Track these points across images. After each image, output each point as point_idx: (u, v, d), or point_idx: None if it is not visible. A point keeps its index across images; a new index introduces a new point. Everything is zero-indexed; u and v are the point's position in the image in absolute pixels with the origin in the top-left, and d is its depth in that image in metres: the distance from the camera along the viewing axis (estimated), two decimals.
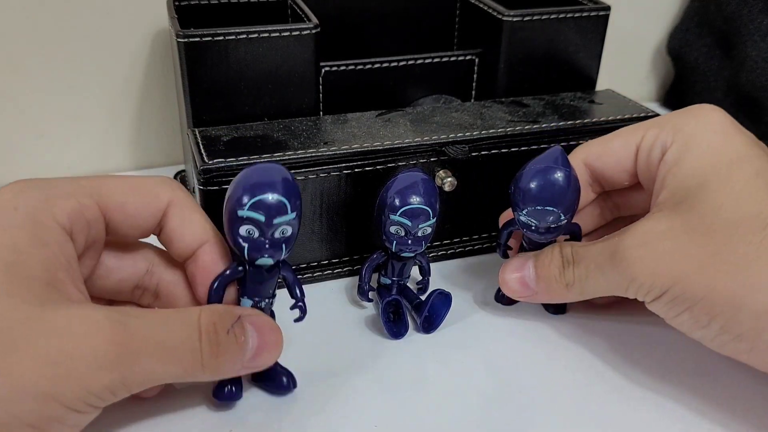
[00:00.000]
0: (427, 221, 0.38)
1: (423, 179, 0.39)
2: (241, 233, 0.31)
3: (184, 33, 0.43)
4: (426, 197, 0.38)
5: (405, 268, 0.41)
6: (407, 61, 0.51)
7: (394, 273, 0.41)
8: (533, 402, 0.37)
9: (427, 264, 0.43)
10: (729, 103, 0.67)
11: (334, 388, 0.37)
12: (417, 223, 0.38)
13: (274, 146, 0.42)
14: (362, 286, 0.41)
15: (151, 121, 0.58)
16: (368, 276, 0.41)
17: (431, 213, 0.38)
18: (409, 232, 0.38)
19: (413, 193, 0.38)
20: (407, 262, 0.41)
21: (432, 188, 0.39)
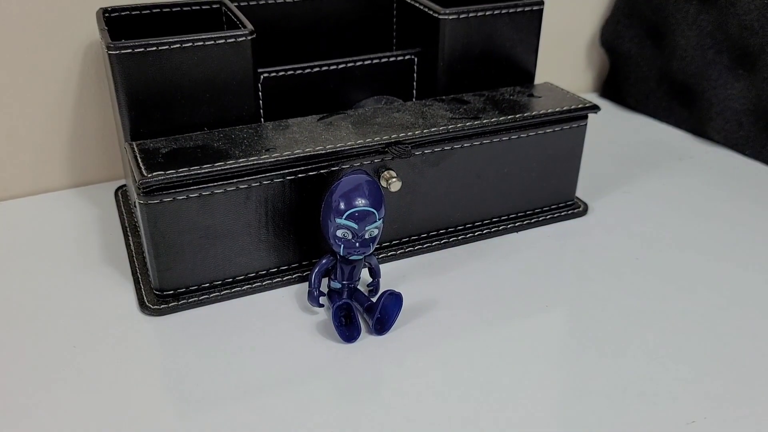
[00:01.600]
0: (373, 223, 0.39)
1: (367, 181, 0.39)
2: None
3: (115, 45, 0.42)
4: (371, 199, 0.38)
5: (354, 271, 0.41)
6: (346, 64, 0.51)
7: (344, 276, 0.41)
8: (489, 398, 0.37)
9: (377, 266, 0.43)
10: (663, 91, 0.69)
11: (290, 396, 0.37)
12: (364, 225, 0.38)
13: (214, 156, 0.41)
14: (312, 292, 0.41)
15: (88, 136, 0.57)
16: (317, 281, 0.41)
17: (377, 215, 0.39)
18: (356, 235, 0.39)
19: (358, 195, 0.38)
20: (356, 264, 0.41)
21: (377, 189, 0.39)
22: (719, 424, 0.35)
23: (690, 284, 0.46)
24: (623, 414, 0.36)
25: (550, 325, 0.43)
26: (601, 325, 0.42)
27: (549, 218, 0.52)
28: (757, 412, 0.36)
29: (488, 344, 0.40)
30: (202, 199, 0.40)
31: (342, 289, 0.42)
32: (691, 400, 0.37)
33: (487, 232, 0.50)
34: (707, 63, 0.64)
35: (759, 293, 0.45)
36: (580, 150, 0.52)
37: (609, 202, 0.55)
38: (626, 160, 0.62)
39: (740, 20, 0.61)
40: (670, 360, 0.39)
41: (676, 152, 0.64)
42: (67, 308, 0.43)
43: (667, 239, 0.51)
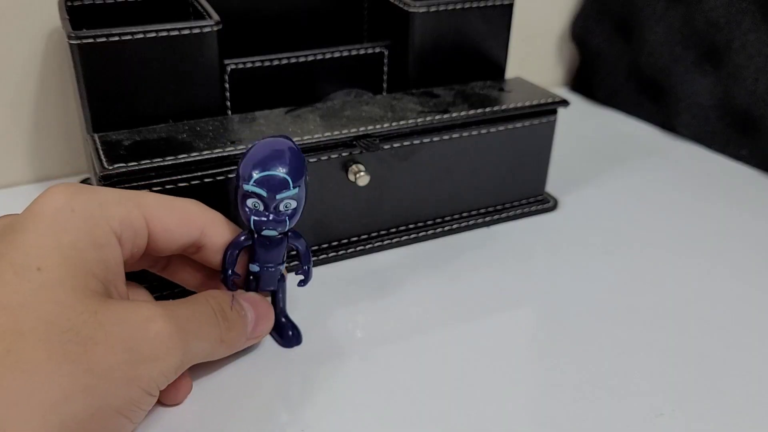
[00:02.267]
0: (286, 191, 0.34)
1: (286, 146, 0.34)
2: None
3: (77, 34, 0.41)
4: (287, 164, 0.34)
5: (274, 253, 0.36)
6: (315, 56, 0.50)
7: (261, 258, 0.36)
8: (459, 393, 0.37)
9: (306, 249, 0.38)
10: (632, 87, 0.70)
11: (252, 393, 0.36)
12: (275, 193, 0.33)
13: (178, 148, 0.40)
14: (225, 273, 0.36)
15: (50, 129, 0.55)
16: (231, 261, 0.36)
17: (291, 182, 0.34)
18: (268, 206, 0.34)
19: (271, 158, 0.34)
20: (275, 244, 0.36)
21: (296, 157, 0.34)
22: (687, 417, 0.35)
23: (658, 279, 0.46)
24: (592, 408, 0.36)
25: (520, 319, 0.43)
26: (571, 319, 0.42)
27: (519, 213, 0.52)
28: (723, 405, 0.36)
29: (458, 339, 0.40)
30: (165, 192, 0.40)
31: (260, 273, 0.37)
32: (659, 393, 0.37)
33: (457, 227, 0.50)
34: (675, 58, 0.65)
35: (726, 287, 0.46)
36: (550, 145, 0.52)
37: (579, 197, 0.55)
38: (596, 155, 0.63)
39: (707, 16, 0.62)
40: (638, 354, 0.40)
41: (645, 147, 0.64)
42: None
43: (636, 234, 0.51)
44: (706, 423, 0.35)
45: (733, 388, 0.37)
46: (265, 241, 0.35)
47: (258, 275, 0.37)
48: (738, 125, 0.62)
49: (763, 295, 0.45)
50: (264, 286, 0.37)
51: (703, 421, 0.35)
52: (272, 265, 0.36)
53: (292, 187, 0.34)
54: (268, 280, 0.37)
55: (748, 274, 0.47)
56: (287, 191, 0.34)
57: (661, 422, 0.35)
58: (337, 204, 0.45)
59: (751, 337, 0.41)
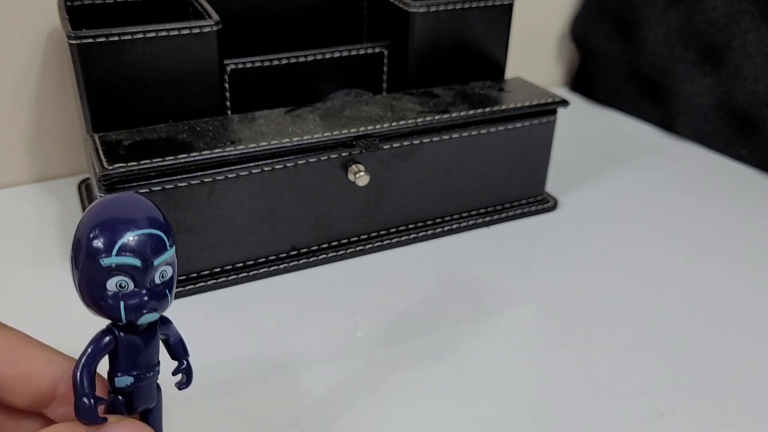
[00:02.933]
0: (163, 254, 0.24)
1: (135, 197, 0.25)
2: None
3: (76, 34, 0.41)
4: (150, 217, 0.24)
5: (150, 349, 0.26)
6: (315, 56, 0.50)
7: (134, 363, 0.26)
8: (458, 394, 0.37)
9: (177, 335, 0.27)
10: (632, 86, 0.70)
11: (253, 397, 0.36)
12: (153, 259, 0.24)
13: (178, 148, 0.40)
14: (84, 403, 0.24)
15: (50, 128, 0.55)
16: (87, 382, 0.25)
17: (167, 239, 0.24)
18: (142, 280, 0.24)
19: (126, 216, 0.24)
20: (150, 337, 0.26)
21: (153, 206, 0.25)
22: (686, 417, 0.35)
23: (658, 278, 0.46)
24: (592, 408, 0.36)
25: (520, 319, 0.43)
26: (570, 319, 0.42)
27: (519, 213, 0.52)
28: (723, 405, 0.36)
29: (458, 339, 0.40)
30: (165, 192, 0.40)
31: (133, 387, 0.26)
32: (659, 393, 0.37)
33: (457, 227, 0.50)
34: (675, 58, 0.65)
35: (726, 287, 0.46)
36: (549, 145, 0.52)
37: (579, 197, 0.55)
38: (596, 155, 0.63)
39: (707, 16, 0.62)
40: (638, 354, 0.40)
41: (644, 147, 0.64)
42: (27, 305, 0.42)
43: (636, 234, 0.51)
44: (706, 423, 0.35)
45: (733, 388, 0.37)
46: (136, 337, 0.25)
47: (129, 391, 0.26)
48: (738, 125, 0.62)
49: (763, 295, 0.45)
50: (140, 405, 0.26)
51: (703, 421, 0.35)
52: (149, 370, 0.26)
53: (169, 246, 0.24)
54: (145, 395, 0.26)
55: (748, 273, 0.47)
56: (165, 253, 0.24)
57: (661, 422, 0.35)
58: (337, 204, 0.45)
59: (751, 337, 0.41)
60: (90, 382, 0.25)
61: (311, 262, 0.46)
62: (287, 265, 0.45)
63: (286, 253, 0.45)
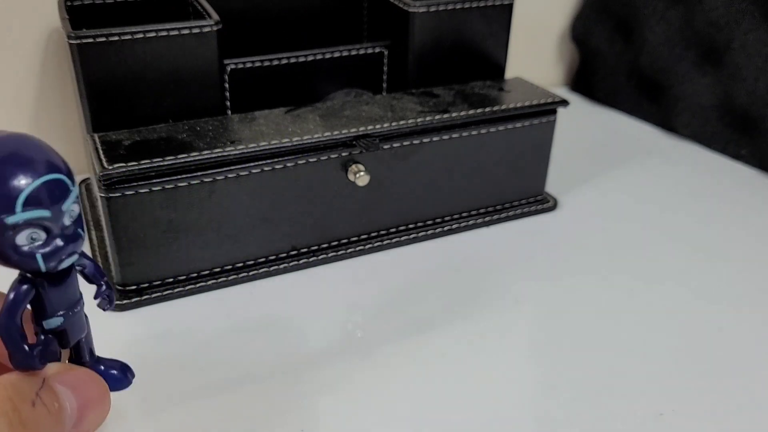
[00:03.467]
0: (70, 195, 0.23)
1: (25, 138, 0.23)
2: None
3: (76, 34, 0.41)
4: (48, 160, 0.23)
5: (72, 286, 0.26)
6: (315, 56, 0.50)
7: (60, 304, 0.25)
8: (459, 393, 0.37)
9: (92, 264, 0.27)
10: (632, 86, 0.70)
11: (257, 394, 0.36)
12: (59, 205, 0.23)
13: (178, 148, 0.40)
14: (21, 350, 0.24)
15: (50, 128, 0.55)
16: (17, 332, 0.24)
17: (70, 181, 0.23)
18: (54, 228, 0.23)
19: (22, 163, 0.22)
20: (68, 274, 0.25)
21: (45, 144, 0.23)
22: (687, 417, 0.35)
23: (658, 278, 0.46)
24: (592, 408, 0.36)
25: (520, 320, 0.42)
26: (571, 320, 0.42)
27: (519, 213, 0.52)
28: (723, 405, 0.36)
29: (458, 339, 0.40)
30: (165, 192, 0.40)
31: (66, 324, 0.26)
32: (660, 393, 0.37)
33: (457, 227, 0.50)
34: (675, 58, 0.65)
35: (726, 286, 0.46)
36: (549, 145, 0.52)
37: (579, 197, 0.55)
38: (596, 155, 0.63)
39: (707, 16, 0.62)
40: (638, 354, 0.40)
41: (644, 147, 0.64)
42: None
43: (636, 234, 0.51)
44: (706, 423, 0.35)
45: (733, 388, 0.37)
46: (56, 278, 0.25)
47: (62, 329, 0.26)
48: (738, 125, 0.62)
49: (763, 295, 0.45)
50: (74, 338, 0.27)
51: (703, 421, 0.35)
52: (76, 305, 0.26)
53: (72, 186, 0.23)
54: (78, 328, 0.27)
55: (748, 273, 0.47)
56: (71, 194, 0.23)
57: (661, 422, 0.35)
58: (337, 204, 0.45)
59: (751, 337, 0.41)
60: (20, 331, 0.24)
61: (311, 262, 0.46)
62: (287, 265, 0.45)
63: (286, 253, 0.45)
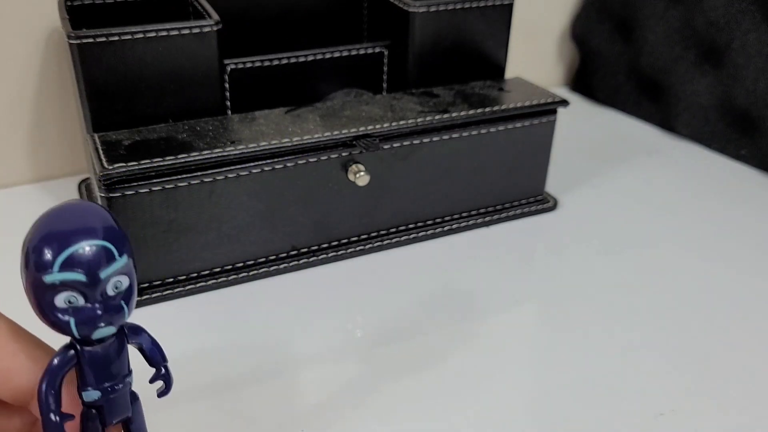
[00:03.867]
0: (113, 264, 0.23)
1: (86, 206, 0.24)
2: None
3: (76, 34, 0.41)
4: (96, 227, 0.23)
5: (116, 362, 0.25)
6: (315, 56, 0.50)
7: (100, 377, 0.24)
8: (459, 394, 0.37)
9: (151, 342, 0.26)
10: (632, 86, 0.70)
11: (258, 396, 0.36)
12: (97, 272, 0.22)
13: (178, 148, 0.40)
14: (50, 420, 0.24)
15: (50, 128, 0.55)
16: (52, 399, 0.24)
17: (116, 250, 0.23)
18: (92, 294, 0.23)
19: (70, 227, 0.23)
20: (114, 349, 0.25)
21: (107, 216, 0.23)
22: (687, 416, 0.35)
23: (658, 278, 0.46)
24: (592, 408, 0.36)
25: (520, 320, 0.42)
26: (571, 319, 0.42)
27: (519, 213, 0.52)
28: (723, 404, 0.36)
29: (458, 339, 0.40)
30: (165, 192, 0.40)
31: (103, 400, 0.25)
32: (660, 392, 0.37)
33: (457, 227, 0.50)
34: (675, 58, 0.65)
35: (726, 287, 0.46)
36: (549, 144, 0.52)
37: (579, 197, 0.55)
38: (595, 155, 0.63)
39: (707, 16, 0.62)
40: (638, 354, 0.40)
41: (644, 147, 0.64)
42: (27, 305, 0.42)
43: (635, 234, 0.51)
44: (706, 423, 0.35)
45: (733, 388, 0.37)
46: (99, 350, 0.24)
47: (100, 404, 0.25)
48: (738, 125, 0.62)
49: (763, 295, 0.45)
50: (113, 418, 0.25)
51: (703, 421, 0.35)
52: (118, 381, 0.25)
53: (119, 256, 0.23)
54: (118, 407, 0.25)
55: (748, 273, 0.47)
56: (114, 263, 0.22)
57: (661, 422, 0.35)
58: (337, 204, 0.45)
59: (752, 337, 0.41)
60: (54, 398, 0.24)
61: (311, 262, 0.46)
62: (287, 265, 0.45)
63: (286, 253, 0.45)
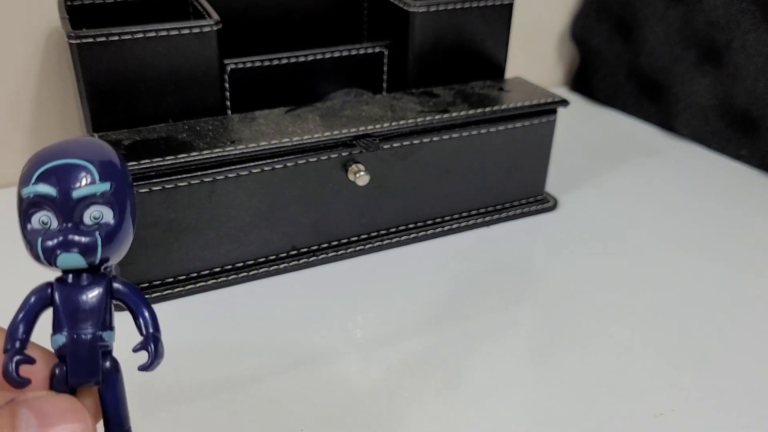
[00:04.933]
0: (91, 186, 0.21)
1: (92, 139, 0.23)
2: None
3: (76, 34, 0.41)
4: (88, 152, 0.21)
5: (88, 308, 0.22)
6: (315, 56, 0.50)
7: (69, 320, 0.22)
8: (458, 393, 0.37)
9: (138, 297, 0.23)
10: (632, 86, 0.70)
11: (257, 395, 0.36)
12: (69, 189, 0.21)
13: (178, 148, 0.40)
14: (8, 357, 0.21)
15: (50, 128, 0.55)
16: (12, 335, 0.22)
17: (97, 174, 0.21)
18: (65, 216, 0.21)
19: (66, 147, 0.21)
20: (88, 288, 0.22)
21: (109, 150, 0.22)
22: (686, 416, 0.35)
23: (658, 278, 0.46)
24: (593, 408, 0.36)
25: (520, 319, 0.43)
26: (570, 319, 0.42)
27: (519, 213, 0.52)
28: (723, 405, 0.36)
29: (458, 339, 0.40)
30: (165, 192, 0.40)
31: (68, 349, 0.22)
32: (659, 392, 0.37)
33: (457, 226, 0.50)
34: (675, 58, 0.65)
35: (725, 287, 0.46)
36: (549, 144, 0.52)
37: (579, 197, 0.55)
38: (595, 155, 0.63)
39: (707, 16, 0.62)
40: (638, 353, 0.40)
41: (644, 146, 0.64)
42: None
43: (635, 234, 0.51)
44: (706, 423, 0.35)
45: (733, 388, 0.37)
46: (72, 289, 0.22)
47: (64, 355, 0.22)
48: (738, 125, 0.62)
49: (762, 295, 0.45)
50: (76, 377, 0.22)
51: (703, 421, 0.35)
52: (88, 329, 0.22)
53: (100, 180, 0.21)
54: (84, 362, 0.22)
55: (747, 273, 0.47)
56: (92, 186, 0.21)
57: (661, 422, 0.35)
58: (337, 204, 0.45)
59: (751, 337, 0.41)
60: (15, 334, 0.22)
61: (311, 261, 0.46)
62: (287, 265, 0.45)
63: (286, 253, 0.45)
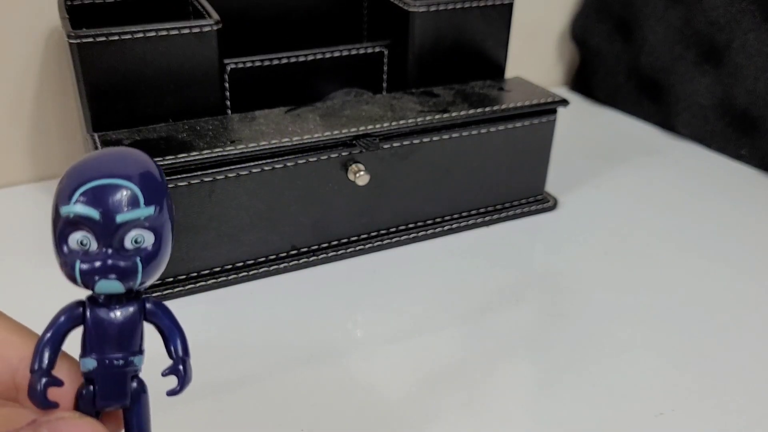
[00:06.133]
0: (135, 210, 0.20)
1: (133, 152, 0.21)
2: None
3: (76, 33, 0.41)
4: (132, 171, 0.20)
5: (121, 333, 0.21)
6: (315, 55, 0.50)
7: (100, 345, 0.21)
8: (458, 393, 0.37)
9: (171, 323, 0.22)
10: (632, 86, 0.70)
11: (257, 393, 0.36)
12: (114, 213, 0.20)
13: (178, 147, 0.40)
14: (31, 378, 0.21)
15: (50, 128, 0.55)
16: (40, 356, 0.21)
17: (142, 197, 0.20)
18: (105, 240, 0.20)
19: (99, 164, 0.20)
20: (123, 317, 0.21)
21: (151, 167, 0.21)
22: (687, 416, 0.35)
23: (658, 278, 0.46)
24: (592, 408, 0.36)
25: (520, 320, 0.42)
26: (570, 319, 0.42)
27: (519, 213, 0.52)
28: (723, 405, 0.36)
29: (458, 339, 0.40)
30: None
31: (98, 373, 0.21)
32: (659, 392, 0.37)
33: (457, 226, 0.50)
34: (675, 58, 0.65)
35: (725, 286, 0.46)
36: (549, 144, 0.52)
37: (579, 197, 0.55)
38: (595, 155, 0.63)
39: (707, 16, 0.62)
40: (638, 353, 0.40)
41: (644, 147, 0.64)
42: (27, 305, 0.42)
43: (636, 233, 0.51)
44: (706, 423, 0.35)
45: (733, 388, 0.37)
46: (106, 313, 0.21)
47: (93, 378, 0.21)
48: (738, 125, 0.62)
49: (763, 295, 0.45)
50: (105, 400, 0.21)
51: (703, 421, 0.35)
52: (119, 355, 0.21)
53: (145, 204, 0.20)
54: (113, 388, 0.21)
55: (747, 273, 0.47)
56: (136, 210, 0.20)
57: (661, 422, 0.35)
58: (337, 204, 0.45)
59: (751, 337, 0.41)
60: (42, 356, 0.21)
61: (311, 261, 0.46)
62: (287, 265, 0.45)
63: (286, 253, 0.45)
